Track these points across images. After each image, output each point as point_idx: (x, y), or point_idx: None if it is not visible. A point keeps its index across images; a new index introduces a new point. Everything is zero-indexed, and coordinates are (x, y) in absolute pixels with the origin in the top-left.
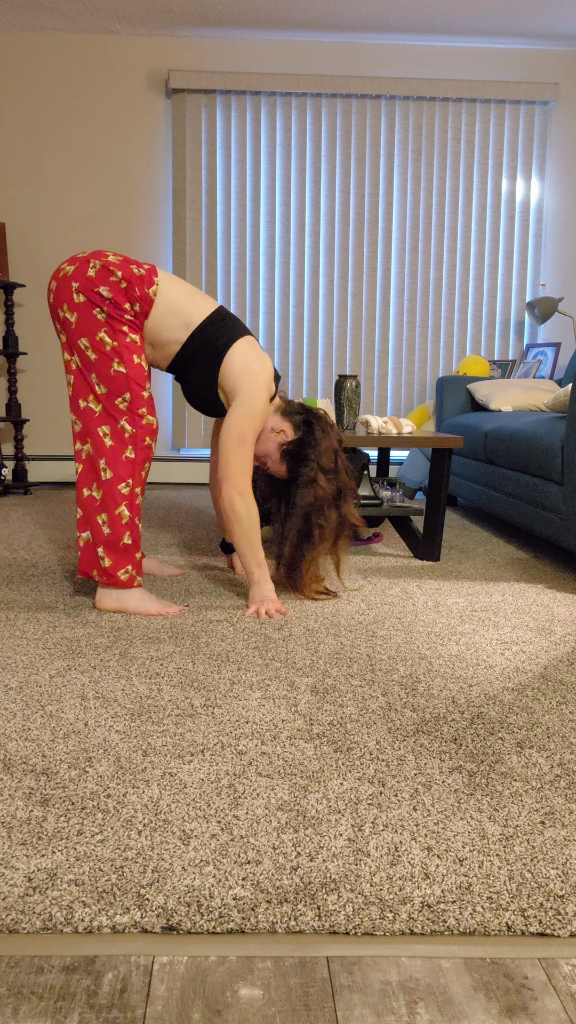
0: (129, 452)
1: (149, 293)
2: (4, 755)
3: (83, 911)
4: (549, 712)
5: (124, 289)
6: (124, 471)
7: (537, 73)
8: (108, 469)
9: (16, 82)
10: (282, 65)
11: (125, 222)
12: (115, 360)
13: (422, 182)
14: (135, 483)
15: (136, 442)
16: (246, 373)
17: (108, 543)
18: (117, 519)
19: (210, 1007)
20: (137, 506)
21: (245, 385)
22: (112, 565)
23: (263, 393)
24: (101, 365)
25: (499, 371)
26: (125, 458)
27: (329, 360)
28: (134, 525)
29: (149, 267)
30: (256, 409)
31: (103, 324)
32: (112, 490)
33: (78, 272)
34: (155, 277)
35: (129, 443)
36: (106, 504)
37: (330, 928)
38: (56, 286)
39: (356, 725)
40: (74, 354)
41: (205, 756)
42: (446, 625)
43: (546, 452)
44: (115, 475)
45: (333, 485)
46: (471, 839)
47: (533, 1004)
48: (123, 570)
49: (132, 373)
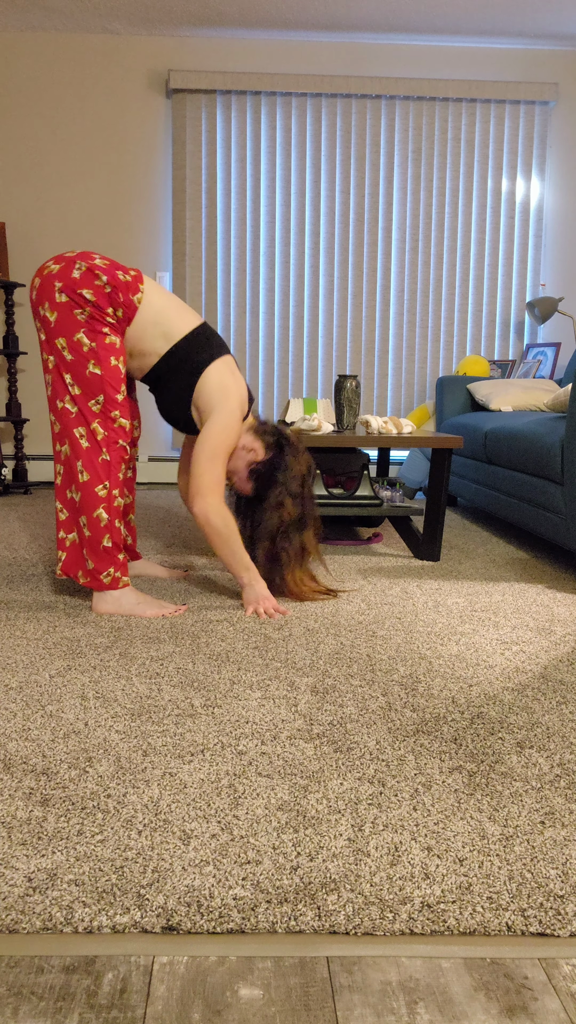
0: (104, 455)
1: (133, 300)
2: (4, 755)
3: (83, 911)
4: (549, 712)
5: (108, 294)
6: (100, 473)
7: (537, 73)
8: (84, 471)
9: (16, 82)
10: (282, 65)
11: (125, 222)
12: (91, 361)
13: (422, 182)
14: (112, 485)
15: (109, 444)
16: (222, 391)
17: (89, 545)
18: (96, 522)
19: (210, 1007)
20: (116, 508)
21: (220, 403)
22: (94, 568)
23: (237, 412)
24: (77, 365)
25: (499, 371)
26: (101, 460)
27: (329, 360)
28: (113, 528)
29: (136, 273)
30: (230, 426)
31: (83, 325)
32: (89, 492)
33: (63, 272)
34: (141, 284)
35: (103, 445)
36: (84, 507)
37: (330, 928)
38: (39, 283)
39: (356, 725)
40: (52, 353)
41: (205, 756)
42: (446, 625)
43: (546, 452)
44: (91, 477)
45: (298, 510)
46: (471, 839)
47: (533, 1004)
48: (104, 573)
49: (107, 375)
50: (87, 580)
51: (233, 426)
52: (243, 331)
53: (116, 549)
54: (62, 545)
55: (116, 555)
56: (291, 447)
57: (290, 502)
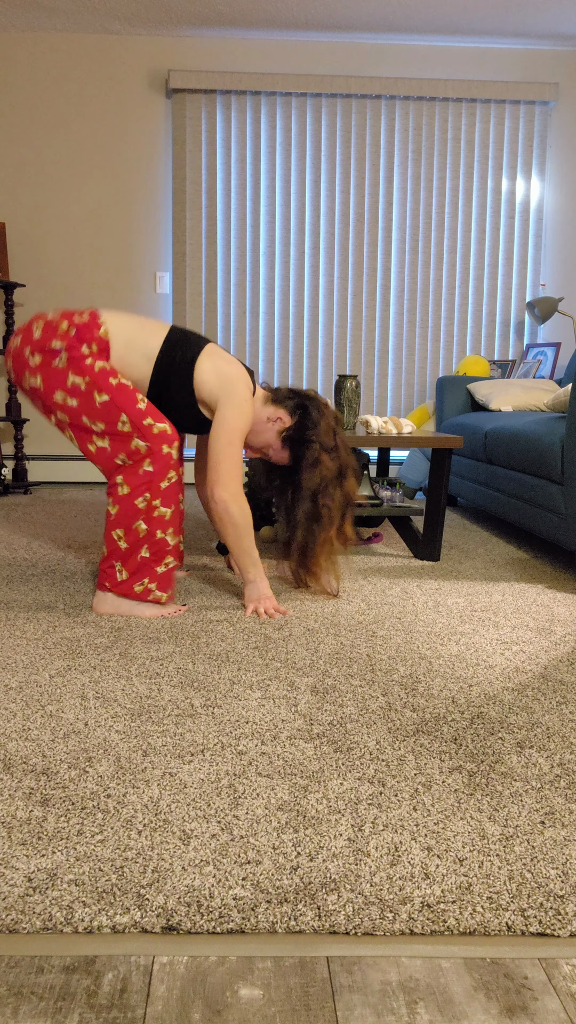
0: (147, 465)
1: (100, 335)
2: (4, 755)
3: (83, 911)
4: (549, 712)
5: (76, 335)
6: (140, 485)
7: (537, 73)
8: (125, 484)
9: (16, 82)
10: (282, 65)
11: (125, 222)
12: (94, 392)
13: (422, 182)
14: (153, 496)
15: (154, 455)
16: (221, 379)
17: (125, 557)
18: (134, 533)
19: (210, 1007)
20: (157, 519)
21: (225, 390)
22: (128, 578)
23: (245, 392)
24: (85, 404)
25: (499, 371)
26: (143, 471)
27: (329, 360)
28: (153, 538)
29: (90, 312)
30: (242, 409)
31: (67, 369)
32: (128, 505)
33: (25, 338)
34: (99, 319)
35: (147, 457)
36: (121, 519)
37: (330, 928)
38: (12, 362)
39: (356, 725)
40: (57, 410)
41: (205, 756)
42: (446, 625)
43: (546, 452)
44: (131, 490)
45: (336, 463)
46: (471, 839)
47: (533, 1004)
48: (139, 583)
49: (116, 395)
50: (118, 590)
51: (244, 408)
52: (243, 331)
53: (155, 561)
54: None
55: (154, 567)
56: (313, 404)
57: (327, 457)
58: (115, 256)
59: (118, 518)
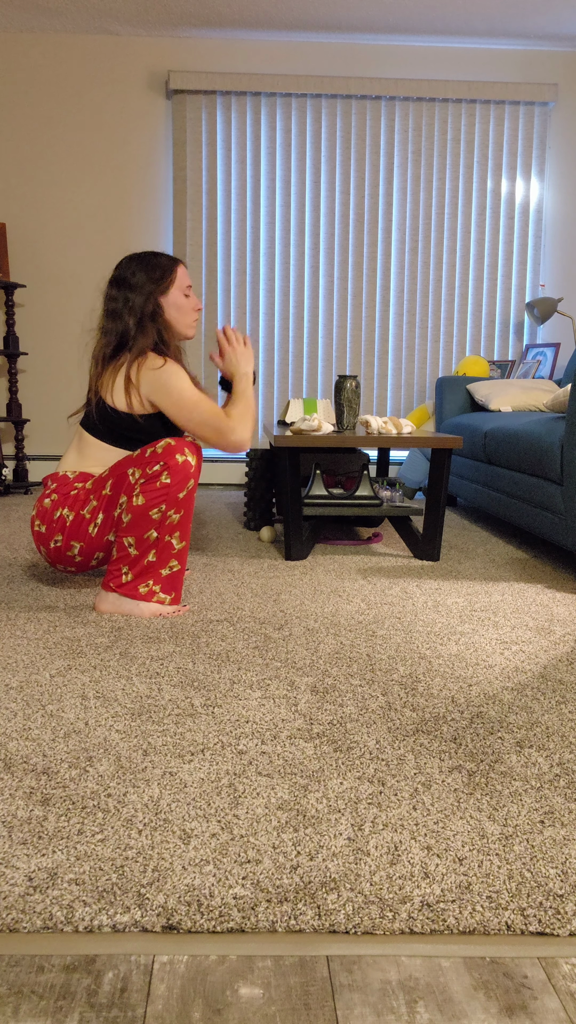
0: (164, 478)
1: (80, 486)
2: (5, 754)
3: (83, 910)
4: (549, 712)
5: (72, 496)
6: (157, 497)
7: (536, 74)
8: (140, 495)
9: (16, 82)
10: (282, 66)
11: (125, 222)
12: (90, 527)
13: (422, 183)
14: (168, 507)
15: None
16: (133, 381)
17: (133, 563)
18: (145, 541)
19: (210, 1006)
20: (168, 526)
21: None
22: (133, 580)
23: (152, 363)
24: (108, 520)
25: (499, 371)
26: (160, 484)
27: (329, 360)
28: (163, 544)
29: (54, 477)
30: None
31: (75, 502)
32: (142, 515)
33: (33, 530)
34: (53, 480)
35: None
36: (133, 528)
37: (330, 927)
38: (35, 536)
39: (356, 725)
40: (98, 532)
41: (205, 756)
42: (446, 625)
43: (546, 452)
44: (147, 501)
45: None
46: (471, 838)
47: (533, 1003)
48: (143, 584)
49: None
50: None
51: (172, 372)
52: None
53: (160, 564)
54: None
55: (159, 570)
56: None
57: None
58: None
59: (130, 527)
